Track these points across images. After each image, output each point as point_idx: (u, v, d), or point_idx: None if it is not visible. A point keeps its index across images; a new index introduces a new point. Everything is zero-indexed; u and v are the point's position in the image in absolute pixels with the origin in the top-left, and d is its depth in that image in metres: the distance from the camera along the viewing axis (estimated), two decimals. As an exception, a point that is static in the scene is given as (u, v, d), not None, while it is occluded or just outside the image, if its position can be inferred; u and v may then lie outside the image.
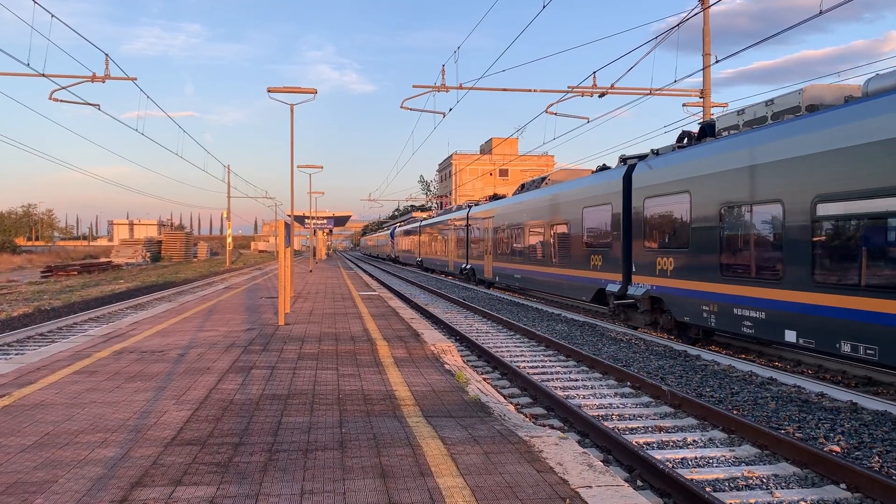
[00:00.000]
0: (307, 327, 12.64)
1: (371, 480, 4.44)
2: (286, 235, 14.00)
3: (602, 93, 23.80)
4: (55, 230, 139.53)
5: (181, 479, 4.46)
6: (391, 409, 6.38)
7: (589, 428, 7.65)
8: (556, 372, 11.34)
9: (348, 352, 9.78)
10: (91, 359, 9.11)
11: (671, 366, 11.46)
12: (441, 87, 24.43)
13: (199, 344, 10.47)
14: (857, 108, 9.42)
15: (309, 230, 52.69)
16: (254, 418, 6.04)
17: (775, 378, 10.10)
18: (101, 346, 10.27)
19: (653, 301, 15.27)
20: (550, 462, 4.82)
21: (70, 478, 4.47)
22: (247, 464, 4.78)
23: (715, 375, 10.62)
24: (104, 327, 12.61)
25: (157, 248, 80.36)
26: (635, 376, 10.10)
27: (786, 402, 8.83)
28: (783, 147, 10.80)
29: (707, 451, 7.05)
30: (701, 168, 13.07)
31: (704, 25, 22.04)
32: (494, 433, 5.58)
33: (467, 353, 13.26)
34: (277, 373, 8.18)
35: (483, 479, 4.46)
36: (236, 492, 4.24)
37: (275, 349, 10.00)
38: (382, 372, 8.27)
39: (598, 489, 4.28)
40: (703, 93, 23.24)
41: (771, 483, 6.14)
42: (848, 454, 6.82)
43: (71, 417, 6.03)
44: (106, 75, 23.64)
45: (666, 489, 5.86)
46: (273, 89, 21.92)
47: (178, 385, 7.44)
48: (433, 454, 4.99)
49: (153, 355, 9.39)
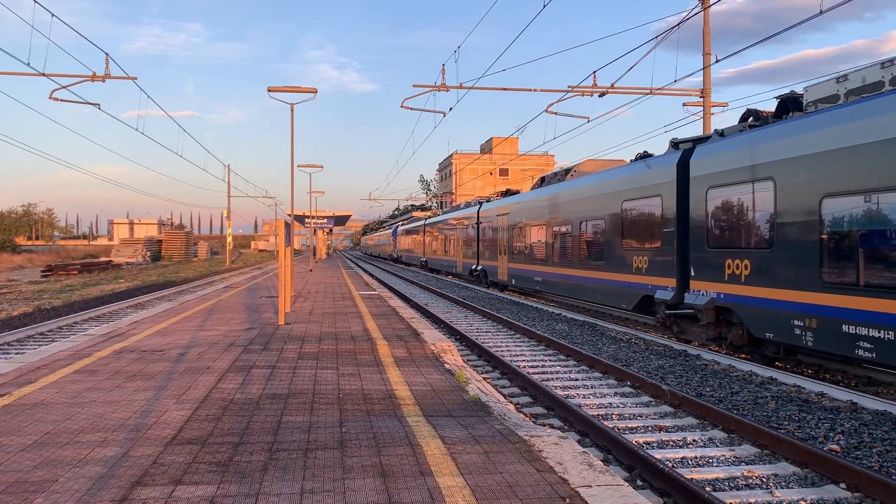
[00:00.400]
0: (307, 327, 12.64)
1: (371, 480, 4.44)
2: (286, 235, 14.00)
3: (602, 92, 23.81)
4: (55, 229, 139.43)
5: (181, 478, 4.47)
6: (391, 409, 6.38)
7: (589, 427, 7.65)
8: (555, 371, 11.35)
9: (348, 351, 9.79)
10: (91, 358, 9.11)
11: (671, 365, 11.46)
12: (441, 87, 24.44)
13: (200, 343, 10.47)
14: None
15: (309, 229, 52.70)
16: (254, 417, 6.04)
17: (775, 378, 10.10)
18: (102, 345, 10.27)
19: (718, 312, 12.88)
20: (550, 461, 4.82)
21: (70, 477, 4.47)
22: (247, 463, 4.78)
23: (715, 375, 10.62)
24: (104, 327, 12.62)
25: (157, 248, 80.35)
26: (635, 376, 10.10)
27: (786, 402, 8.83)
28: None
29: (707, 450, 7.06)
30: (791, 149, 10.73)
31: (704, 25, 22.03)
32: (494, 432, 5.58)
33: (467, 353, 13.26)
34: (277, 372, 8.19)
35: (483, 479, 4.46)
36: (236, 491, 4.24)
37: (275, 348, 10.00)
38: (382, 371, 8.27)
39: (598, 488, 4.28)
40: (703, 92, 23.24)
41: (771, 482, 6.14)
42: (848, 454, 6.83)
43: (71, 417, 6.03)
44: (106, 74, 23.65)
45: (666, 489, 5.87)
46: (273, 88, 21.92)
47: (178, 384, 7.44)
48: (433, 453, 4.99)
49: (153, 354, 9.39)
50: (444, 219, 43.39)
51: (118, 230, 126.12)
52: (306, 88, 20.07)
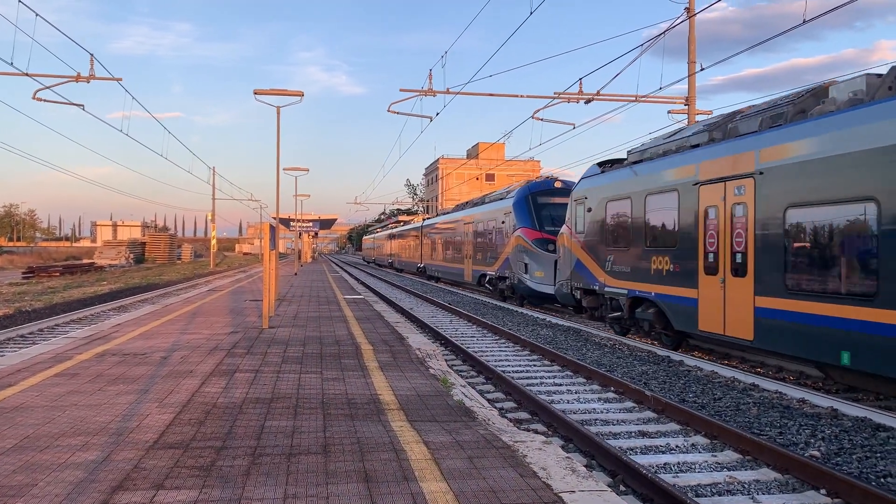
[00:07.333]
0: (291, 331, 12.59)
1: (355, 485, 4.43)
2: (271, 238, 13.95)
3: (588, 99, 23.92)
4: (37, 231, 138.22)
5: (163, 483, 4.43)
6: (375, 414, 6.37)
7: (572, 433, 7.67)
8: (540, 376, 11.37)
9: (333, 355, 9.76)
10: (73, 361, 9.03)
11: (654, 371, 11.51)
12: (428, 92, 24.45)
13: (183, 346, 10.40)
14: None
15: (294, 233, 52.54)
16: (237, 422, 6.01)
17: (757, 384, 10.18)
18: (83, 348, 10.17)
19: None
20: (534, 467, 4.83)
21: (50, 481, 4.43)
22: (229, 468, 4.75)
23: (698, 381, 10.68)
24: (86, 329, 12.50)
25: (140, 250, 79.72)
26: (619, 381, 10.14)
27: (768, 408, 8.89)
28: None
29: (690, 456, 7.09)
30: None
31: (690, 33, 22.22)
32: (478, 438, 5.58)
33: (452, 358, 13.26)
34: (261, 376, 8.15)
35: (467, 484, 4.46)
36: (219, 496, 4.21)
37: (259, 352, 9.95)
38: (367, 376, 8.25)
39: (581, 494, 4.30)
40: (687, 100, 23.43)
41: (752, 488, 6.18)
42: (828, 460, 6.89)
43: (51, 420, 5.97)
44: (91, 75, 23.46)
45: (648, 494, 5.89)
46: (259, 91, 21.83)
47: (160, 388, 7.39)
48: (417, 459, 4.98)
49: (136, 358, 9.32)
50: (462, 216, 33.24)
51: (101, 232, 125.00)
52: (293, 91, 19.98)
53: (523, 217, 24.20)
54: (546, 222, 23.61)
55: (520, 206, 24.53)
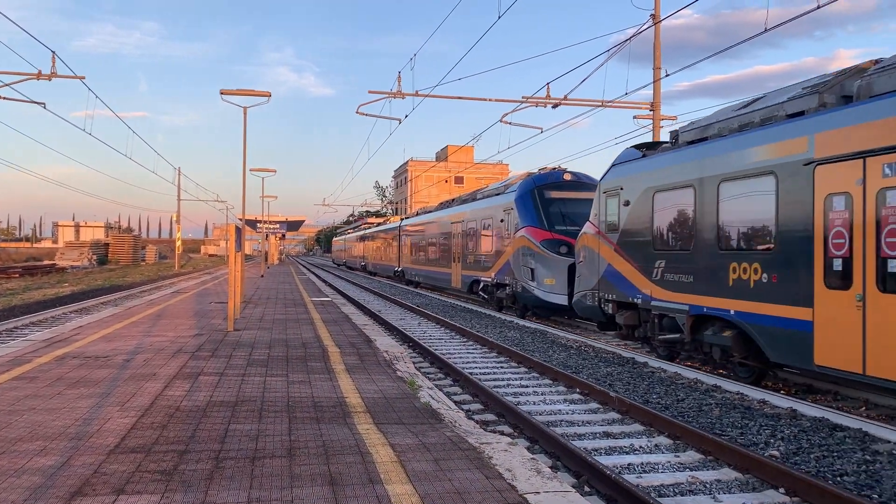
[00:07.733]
0: (257, 333, 12.47)
1: (320, 488, 4.41)
2: (237, 239, 13.82)
3: (555, 104, 24.12)
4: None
5: (124, 487, 4.37)
6: (341, 417, 6.34)
7: (538, 434, 7.72)
8: (507, 378, 11.42)
9: (299, 358, 9.69)
10: (31, 364, 8.84)
11: (619, 372, 11.64)
12: (397, 94, 24.43)
13: (146, 349, 10.25)
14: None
15: (261, 234, 52.06)
16: (201, 425, 5.94)
17: (719, 385, 10.34)
18: (43, 350, 9.97)
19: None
20: (500, 468, 4.86)
21: (6, 487, 4.33)
22: (192, 472, 4.70)
23: (662, 382, 10.83)
24: (46, 332, 12.25)
25: (103, 251, 78.31)
26: (584, 382, 10.23)
27: (729, 409, 9.05)
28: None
29: (653, 456, 7.19)
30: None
31: (655, 40, 22.54)
32: (445, 440, 5.60)
33: (420, 360, 13.26)
34: (226, 379, 8.06)
35: (432, 486, 4.47)
36: (181, 500, 4.16)
37: (223, 355, 9.85)
38: (333, 379, 8.21)
39: (546, 495, 4.33)
40: (653, 105, 23.74)
41: (714, 488, 6.29)
42: (787, 459, 7.03)
43: (8, 425, 5.84)
44: (52, 73, 23.01)
45: (612, 495, 5.96)
46: (226, 91, 21.61)
47: (122, 391, 7.27)
48: (383, 461, 4.98)
49: (97, 361, 9.16)
50: (455, 211, 29.46)
51: (63, 232, 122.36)
52: (259, 92, 19.82)
53: (528, 214, 20.42)
54: (556, 220, 20.09)
55: (524, 201, 20.74)
